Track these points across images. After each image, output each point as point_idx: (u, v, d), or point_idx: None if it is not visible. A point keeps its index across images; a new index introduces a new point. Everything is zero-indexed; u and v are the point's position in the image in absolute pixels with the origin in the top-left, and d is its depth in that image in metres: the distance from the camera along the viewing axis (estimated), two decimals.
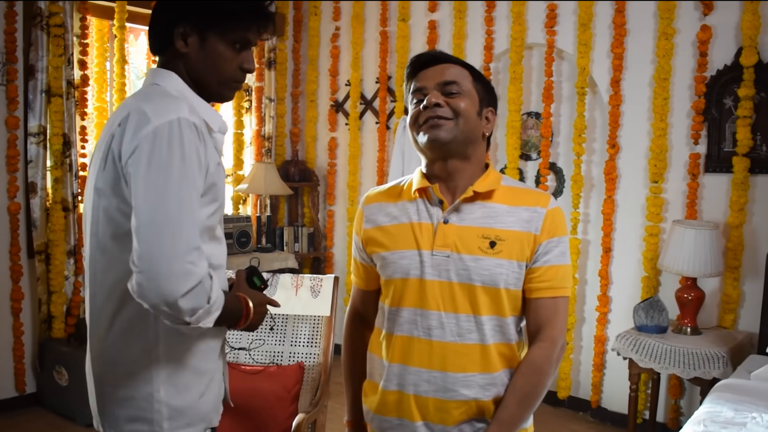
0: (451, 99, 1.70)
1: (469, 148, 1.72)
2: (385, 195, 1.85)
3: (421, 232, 1.71)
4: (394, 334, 1.73)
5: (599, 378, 4.53)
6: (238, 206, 5.60)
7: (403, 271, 1.71)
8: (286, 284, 3.08)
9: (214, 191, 1.60)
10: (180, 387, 1.63)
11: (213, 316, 1.52)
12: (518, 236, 1.68)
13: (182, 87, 1.64)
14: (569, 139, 4.65)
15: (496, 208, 1.71)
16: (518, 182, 1.85)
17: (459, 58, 1.81)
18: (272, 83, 5.75)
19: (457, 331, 1.66)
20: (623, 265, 4.43)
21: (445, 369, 1.66)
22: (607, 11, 4.40)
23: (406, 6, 5.31)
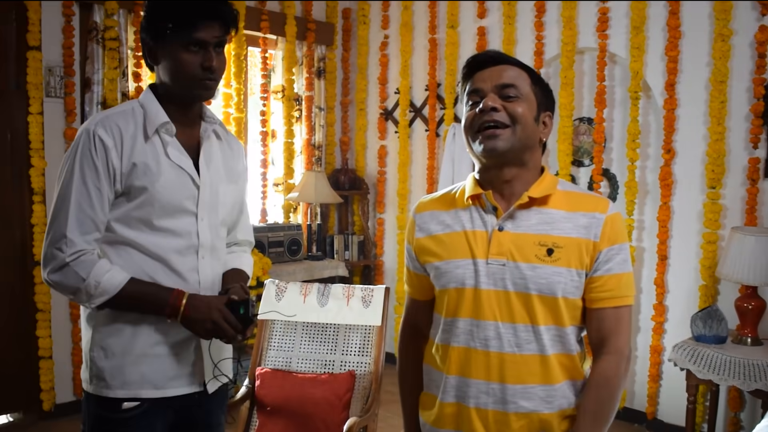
0: (508, 103, 1.64)
1: (526, 154, 1.67)
2: (438, 203, 1.81)
3: (475, 240, 1.67)
4: (451, 345, 1.69)
5: (655, 389, 4.43)
6: (288, 215, 5.63)
7: (457, 281, 1.67)
8: (338, 294, 3.09)
9: (139, 189, 1.83)
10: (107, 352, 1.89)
11: (98, 298, 1.80)
12: (577, 243, 1.63)
13: (146, 98, 1.91)
14: (623, 145, 4.57)
15: (552, 213, 1.66)
16: (575, 186, 1.79)
17: (516, 58, 1.75)
18: (322, 92, 5.78)
19: (515, 341, 1.62)
20: (680, 274, 4.33)
21: (504, 380, 1.62)
22: (661, 13, 4.31)
23: (455, 13, 5.29)
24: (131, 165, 1.83)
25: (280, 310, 3.04)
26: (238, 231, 2.17)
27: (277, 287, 3.11)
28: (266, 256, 4.84)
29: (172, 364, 1.92)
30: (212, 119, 2.02)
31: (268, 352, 3.07)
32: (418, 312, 1.90)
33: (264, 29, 5.29)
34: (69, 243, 1.78)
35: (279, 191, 5.59)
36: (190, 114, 1.96)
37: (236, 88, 5.13)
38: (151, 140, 1.87)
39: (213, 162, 1.99)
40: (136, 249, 1.87)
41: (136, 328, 1.87)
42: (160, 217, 1.86)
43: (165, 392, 1.92)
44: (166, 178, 1.86)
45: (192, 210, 1.92)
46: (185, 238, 1.91)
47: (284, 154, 5.54)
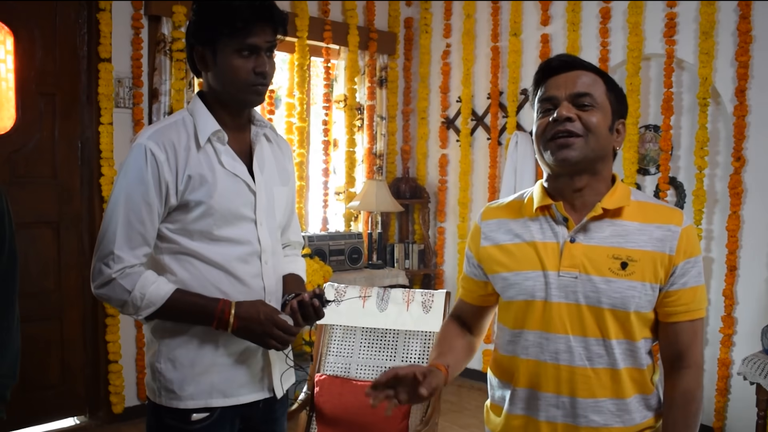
0: (583, 112, 1.59)
1: (598, 164, 1.63)
2: (505, 211, 1.77)
3: (546, 251, 1.64)
4: (519, 357, 1.66)
5: (723, 403, 4.30)
6: (349, 223, 5.66)
7: (527, 293, 1.64)
8: (397, 299, 3.09)
9: (197, 202, 1.84)
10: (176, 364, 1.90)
11: (145, 309, 1.82)
12: (651, 257, 1.58)
13: (196, 106, 1.91)
14: (690, 153, 4.46)
15: (626, 226, 1.62)
16: (648, 196, 1.74)
17: (591, 63, 1.69)
18: (383, 101, 5.80)
19: (587, 355, 1.59)
20: (749, 285, 4.19)
21: (574, 394, 1.60)
22: (731, 17, 4.20)
23: (517, 20, 5.25)
24: (187, 177, 1.83)
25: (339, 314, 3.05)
26: (290, 232, 2.18)
27: (336, 291, 3.13)
28: (327, 264, 4.87)
29: (240, 371, 1.93)
30: (262, 122, 2.02)
31: (327, 357, 3.08)
32: (463, 310, 1.90)
33: (327, 39, 5.35)
34: (116, 259, 1.80)
35: (340, 200, 5.62)
36: (241, 119, 1.96)
37: (299, 97, 5.19)
38: (204, 149, 1.87)
39: (266, 165, 2.00)
40: (200, 259, 1.88)
41: (203, 338, 1.89)
42: (220, 227, 1.87)
43: (235, 400, 1.93)
44: (223, 187, 1.87)
45: (251, 216, 1.93)
46: (247, 245, 1.92)
47: (346, 163, 5.58)
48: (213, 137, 1.89)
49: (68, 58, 4.30)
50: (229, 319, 1.82)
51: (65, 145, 4.32)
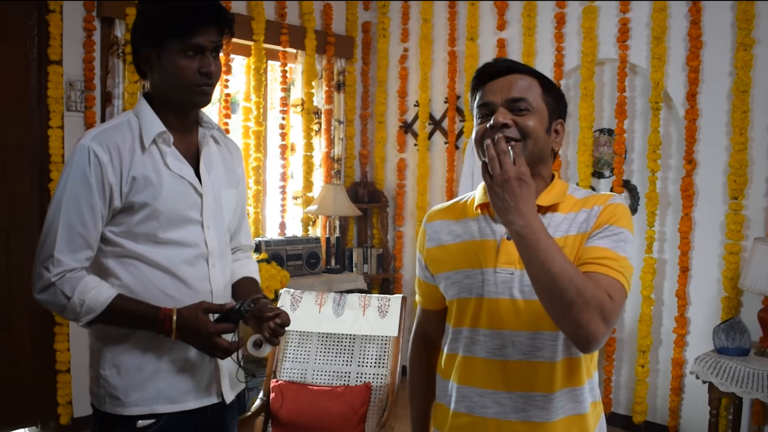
0: (519, 117, 1.59)
1: (537, 166, 1.64)
2: (447, 212, 1.78)
3: (483, 249, 1.64)
4: (460, 354, 1.68)
5: (677, 402, 4.36)
6: (307, 228, 5.63)
7: (466, 291, 1.65)
8: (354, 304, 3.08)
9: (141, 204, 1.81)
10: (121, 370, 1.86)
11: (85, 316, 1.78)
12: (575, 240, 1.59)
13: (142, 108, 1.89)
14: (643, 156, 4.52)
15: (557, 217, 1.63)
16: (586, 190, 1.73)
17: (527, 65, 1.70)
18: (341, 105, 5.79)
19: (525, 349, 1.59)
20: (702, 285, 4.27)
21: (513, 389, 1.60)
22: (682, 23, 4.28)
23: (474, 25, 5.28)
24: (131, 179, 1.80)
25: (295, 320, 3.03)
26: (241, 236, 2.16)
27: (293, 297, 3.10)
28: (285, 269, 4.84)
29: (187, 377, 1.90)
30: (209, 124, 2.00)
31: (283, 363, 3.06)
32: (429, 321, 1.89)
33: (284, 43, 5.32)
34: (56, 262, 1.77)
35: (298, 204, 5.59)
36: (188, 121, 1.94)
37: (256, 101, 5.16)
38: (149, 151, 1.84)
39: (214, 167, 1.97)
40: (145, 263, 1.84)
41: (149, 343, 1.85)
42: (165, 230, 1.84)
43: (182, 406, 1.90)
44: (168, 189, 1.84)
45: (197, 219, 1.90)
46: (193, 247, 1.89)
47: (303, 168, 5.55)
48: (158, 139, 1.86)
49: (18, 61, 4.20)
50: (170, 328, 1.79)
51: (15, 150, 4.22)
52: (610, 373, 4.65)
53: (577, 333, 1.43)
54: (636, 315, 4.55)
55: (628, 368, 4.66)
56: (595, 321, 1.41)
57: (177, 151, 1.89)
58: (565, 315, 1.42)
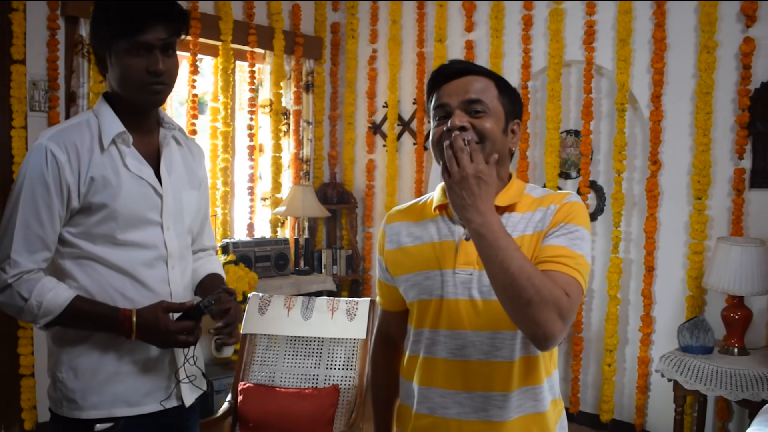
0: (476, 119, 1.59)
1: (495, 168, 1.61)
2: (406, 214, 1.79)
3: (442, 251, 1.65)
4: (420, 355, 1.68)
5: (643, 401, 4.42)
6: (276, 229, 5.61)
7: (426, 292, 1.65)
8: (322, 308, 3.07)
9: (99, 205, 1.79)
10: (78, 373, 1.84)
11: (42, 318, 1.76)
12: (531, 239, 1.60)
13: (101, 107, 1.87)
14: (609, 157, 4.58)
15: (514, 217, 1.64)
16: (544, 189, 1.74)
17: (482, 66, 1.70)
18: (310, 106, 5.78)
19: (485, 349, 1.60)
20: (667, 285, 4.33)
21: (474, 389, 1.61)
22: (647, 26, 4.33)
23: (442, 27, 5.30)
24: (89, 179, 1.79)
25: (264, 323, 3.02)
26: (204, 237, 2.16)
27: (261, 301, 3.09)
28: (253, 271, 4.82)
29: (146, 380, 1.88)
30: (170, 125, 1.98)
31: (251, 366, 3.04)
32: (390, 323, 1.89)
33: (252, 43, 5.29)
34: (13, 264, 1.75)
35: (266, 205, 5.57)
36: (147, 121, 1.92)
37: (223, 102, 5.12)
38: (108, 151, 1.82)
39: (174, 169, 1.96)
40: (102, 264, 1.82)
41: (106, 346, 1.83)
42: (124, 231, 1.83)
43: (141, 409, 1.88)
44: (127, 190, 1.82)
45: (157, 220, 1.88)
46: (152, 249, 1.88)
47: (272, 169, 5.53)
48: (117, 139, 1.84)
49: None
50: (130, 329, 1.78)
51: None
52: (578, 372, 4.70)
53: (535, 331, 1.43)
54: (602, 314, 4.60)
55: (595, 367, 4.71)
56: (553, 319, 1.41)
57: (137, 152, 1.88)
58: (524, 314, 1.42)
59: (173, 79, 1.87)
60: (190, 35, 4.87)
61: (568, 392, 4.74)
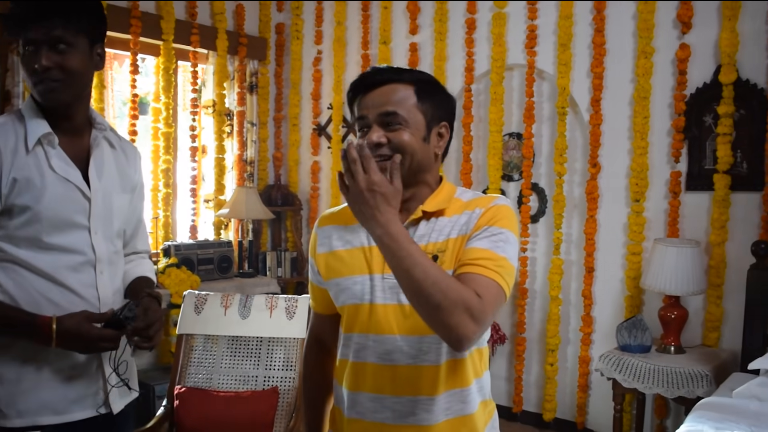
0: (392, 133, 1.58)
1: (419, 176, 1.65)
2: (338, 218, 1.77)
3: (372, 255, 1.64)
4: (351, 360, 1.67)
5: (584, 399, 4.48)
6: (219, 231, 5.54)
7: (356, 297, 1.65)
8: (260, 306, 3.03)
9: (22, 207, 1.74)
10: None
11: None
12: (455, 242, 1.60)
13: (28, 108, 1.82)
14: (551, 160, 4.63)
15: (441, 221, 1.64)
16: (474, 193, 1.73)
17: (404, 71, 1.65)
18: (254, 107, 5.72)
19: (413, 353, 1.59)
20: (606, 285, 4.39)
21: (404, 393, 1.60)
22: (587, 31, 4.40)
23: (387, 29, 5.31)
24: (12, 181, 1.74)
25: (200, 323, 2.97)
26: (137, 241, 2.11)
27: (197, 299, 3.04)
28: (195, 274, 4.75)
29: (72, 387, 1.83)
30: (102, 126, 1.93)
31: (188, 368, 2.98)
32: (322, 326, 1.87)
33: (194, 43, 5.22)
34: None
35: (209, 208, 5.49)
36: (75, 121, 1.87)
37: (165, 102, 5.04)
38: (33, 153, 1.78)
39: (105, 171, 1.91)
40: (26, 268, 1.77)
41: (31, 352, 1.78)
42: (49, 234, 1.78)
43: (67, 417, 1.83)
44: (52, 193, 1.77)
45: (84, 224, 1.84)
46: (79, 253, 1.83)
47: (215, 170, 5.46)
48: (43, 140, 1.79)
49: None
50: (50, 336, 1.72)
51: None
52: (521, 372, 4.74)
53: (448, 335, 1.43)
54: (544, 315, 4.65)
55: (537, 367, 4.75)
56: (465, 321, 1.40)
57: (63, 153, 1.83)
58: (435, 318, 1.42)
59: (71, 75, 1.78)
60: (131, 34, 4.78)
61: (512, 392, 4.78)
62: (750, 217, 3.85)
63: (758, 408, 2.85)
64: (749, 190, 3.85)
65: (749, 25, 3.83)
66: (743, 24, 3.84)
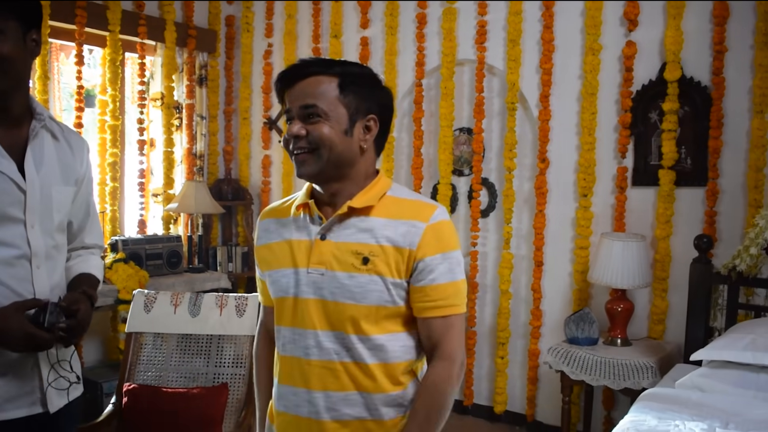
0: (310, 126, 1.58)
1: (343, 170, 1.64)
2: (276, 211, 1.79)
3: (299, 249, 1.67)
4: (279, 354, 1.71)
5: (534, 392, 4.54)
6: (168, 226, 5.46)
7: (282, 290, 1.67)
8: (210, 304, 3.01)
9: None
10: None
11: None
12: (392, 251, 1.60)
13: None
14: (501, 155, 4.68)
15: (372, 222, 1.64)
16: (408, 192, 1.74)
17: (328, 62, 1.65)
18: (204, 100, 5.65)
19: (335, 349, 1.62)
20: (555, 279, 4.46)
21: (326, 388, 1.62)
22: (536, 27, 4.45)
23: (338, 23, 5.29)
24: None
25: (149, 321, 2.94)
26: (85, 235, 2.06)
27: (146, 298, 3.00)
28: (144, 269, 4.67)
29: (8, 384, 1.78)
30: (41, 116, 1.88)
31: (137, 366, 2.95)
32: (269, 318, 1.86)
33: (142, 34, 5.13)
34: None
35: (158, 202, 5.42)
36: (12, 111, 1.82)
37: (112, 94, 4.94)
38: None
39: (44, 162, 1.86)
40: None
41: None
42: None
43: (2, 415, 1.78)
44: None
45: (19, 217, 1.79)
46: (13, 248, 1.77)
47: (164, 164, 5.38)
48: None
49: None
50: None
51: None
52: (471, 366, 4.78)
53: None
54: (495, 309, 4.70)
55: (488, 360, 4.80)
56: (459, 380, 1.68)
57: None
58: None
59: (4, 62, 1.72)
60: (75, 24, 4.68)
61: (463, 385, 4.82)
62: (694, 211, 3.95)
63: (700, 398, 2.93)
64: (693, 186, 3.95)
65: (693, 24, 3.92)
66: (688, 23, 3.92)
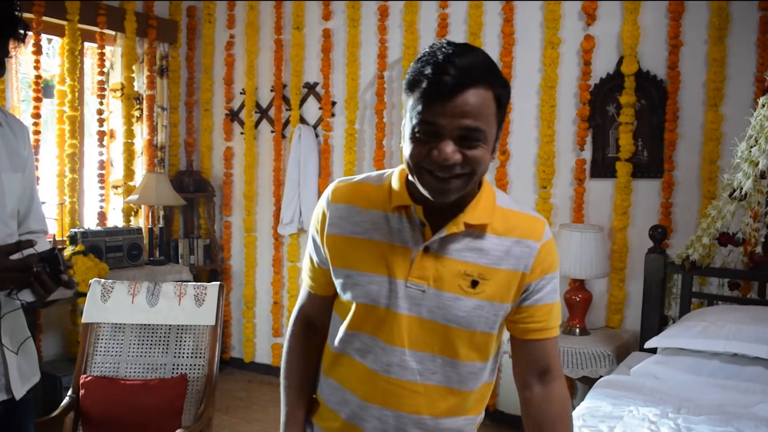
0: (469, 150, 1.34)
1: (474, 187, 1.46)
2: (356, 195, 1.54)
3: (395, 256, 1.47)
4: (350, 357, 1.55)
5: (496, 382, 4.57)
6: (129, 218, 5.41)
7: (371, 298, 1.48)
8: (169, 294, 2.99)
9: None
10: None
11: None
12: (505, 275, 1.47)
13: None
14: None
15: (484, 239, 1.47)
16: (511, 201, 1.56)
17: (484, 70, 1.35)
18: (165, 91, 5.60)
19: (419, 370, 1.48)
20: None
21: (400, 408, 1.49)
22: (496, 20, 4.49)
23: (300, 14, 5.27)
24: None
25: (106, 311, 2.91)
26: (30, 221, 2.03)
27: (103, 287, 2.97)
28: (103, 262, 4.63)
29: None
30: None
31: (93, 357, 2.92)
32: (315, 307, 1.68)
33: (101, 24, 5.07)
34: None
35: (119, 194, 5.36)
36: None
37: (70, 85, 4.88)
38: None
39: None
40: None
41: None
42: None
43: None
44: None
45: None
46: None
47: (124, 155, 5.32)
48: None
49: None
50: None
51: None
52: None
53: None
54: None
55: None
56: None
57: None
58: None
59: None
60: (33, 13, 4.60)
61: None
62: (650, 203, 4.03)
63: (654, 384, 2.99)
64: (650, 177, 4.02)
65: (650, 19, 3.99)
66: (644, 17, 3.99)
